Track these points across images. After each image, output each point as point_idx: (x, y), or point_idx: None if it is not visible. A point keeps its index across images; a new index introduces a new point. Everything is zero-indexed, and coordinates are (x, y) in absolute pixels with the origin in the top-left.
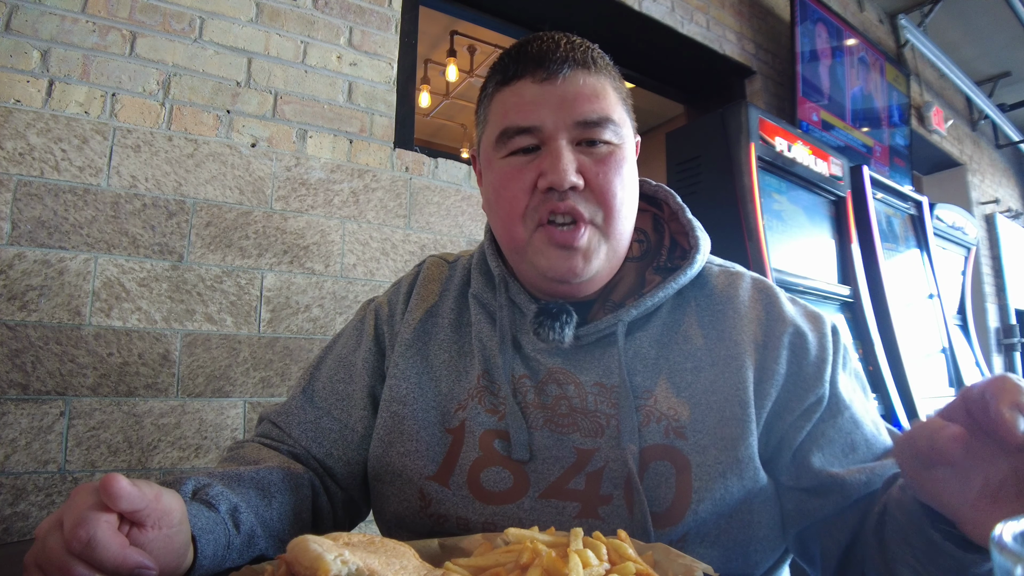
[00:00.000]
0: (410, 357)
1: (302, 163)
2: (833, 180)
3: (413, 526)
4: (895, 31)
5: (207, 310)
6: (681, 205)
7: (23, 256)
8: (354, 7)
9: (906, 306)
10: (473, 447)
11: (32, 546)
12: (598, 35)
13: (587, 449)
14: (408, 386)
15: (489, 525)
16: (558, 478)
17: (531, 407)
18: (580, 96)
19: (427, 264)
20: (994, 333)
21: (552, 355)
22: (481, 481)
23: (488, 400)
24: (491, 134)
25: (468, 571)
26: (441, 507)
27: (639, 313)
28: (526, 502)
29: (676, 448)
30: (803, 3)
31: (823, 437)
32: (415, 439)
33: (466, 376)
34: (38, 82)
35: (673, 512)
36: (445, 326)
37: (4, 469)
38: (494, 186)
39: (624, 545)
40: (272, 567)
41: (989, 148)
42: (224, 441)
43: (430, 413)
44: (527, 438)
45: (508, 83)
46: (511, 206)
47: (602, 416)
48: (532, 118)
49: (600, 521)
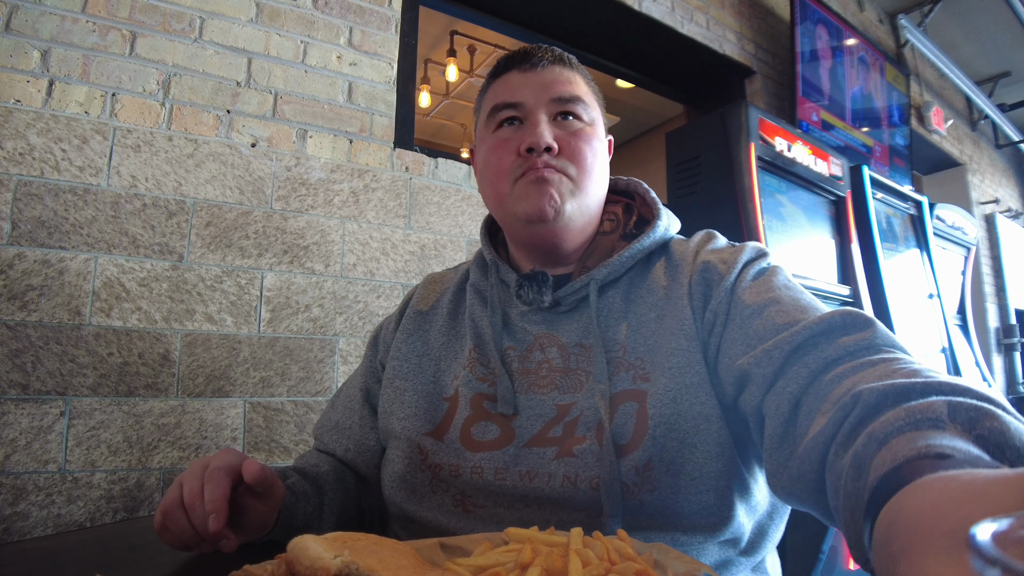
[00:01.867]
0: (412, 343)
1: (302, 163)
2: (833, 180)
3: (413, 482)
4: (895, 31)
5: (207, 310)
6: (648, 190)
7: (23, 256)
8: (354, 7)
9: (906, 306)
10: (466, 407)
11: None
12: (598, 35)
13: (566, 404)
14: (409, 366)
15: (477, 470)
16: (540, 430)
17: (516, 373)
18: (557, 81)
19: (427, 277)
20: (994, 333)
21: (537, 323)
22: (472, 433)
23: (479, 370)
24: (483, 116)
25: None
26: (436, 458)
27: (608, 272)
28: (511, 450)
29: (640, 389)
30: (803, 3)
31: (724, 343)
32: (414, 406)
33: (461, 352)
34: (38, 82)
35: (635, 439)
36: (443, 315)
37: (4, 469)
38: (484, 156)
39: (624, 545)
40: (272, 566)
41: (989, 148)
42: (224, 441)
43: (428, 386)
44: (512, 397)
45: (498, 76)
46: (498, 167)
47: (582, 373)
48: (516, 96)
49: (575, 458)
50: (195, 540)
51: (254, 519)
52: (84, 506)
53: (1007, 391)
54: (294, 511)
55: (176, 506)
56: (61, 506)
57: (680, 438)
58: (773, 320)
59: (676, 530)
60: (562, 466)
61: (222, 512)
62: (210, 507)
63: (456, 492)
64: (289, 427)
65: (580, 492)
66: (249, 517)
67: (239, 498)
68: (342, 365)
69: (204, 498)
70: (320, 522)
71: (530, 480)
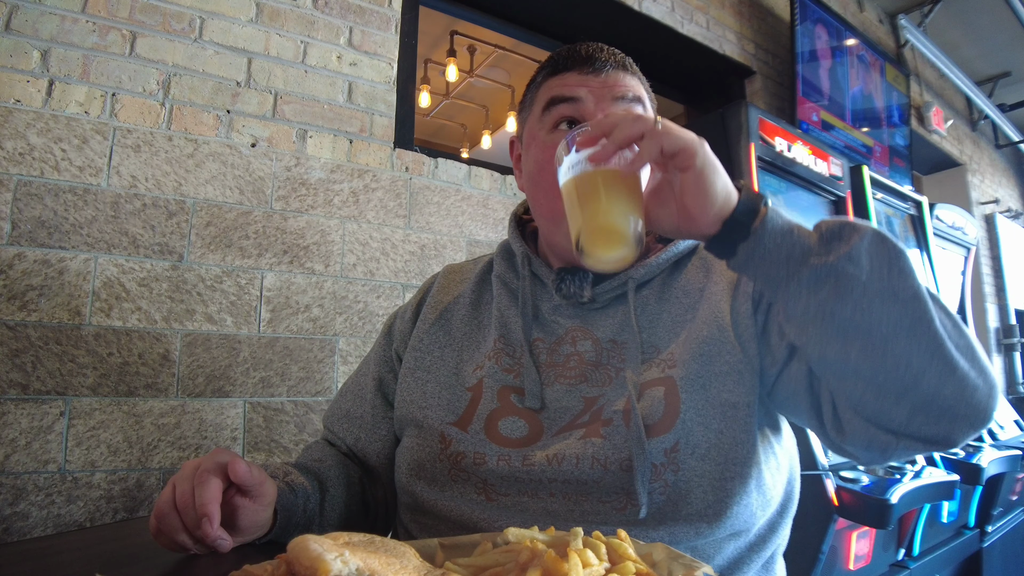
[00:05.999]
0: (434, 333)
1: (302, 163)
2: (833, 180)
3: (432, 470)
4: (895, 31)
5: (207, 310)
6: None
7: (23, 256)
8: (354, 7)
9: None
10: (492, 399)
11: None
12: (598, 35)
13: (594, 396)
14: (431, 358)
15: (504, 457)
16: (568, 423)
17: (544, 366)
18: (618, 84)
19: (446, 268)
20: (994, 333)
21: (571, 316)
22: (499, 428)
23: (505, 360)
24: (536, 110)
25: (468, 571)
26: (460, 446)
27: (646, 272)
28: (538, 445)
29: (668, 376)
30: (803, 3)
31: (771, 317)
32: (436, 396)
33: (484, 343)
34: (38, 82)
35: (663, 422)
36: (466, 305)
37: (4, 469)
38: (537, 159)
39: (624, 545)
40: (272, 566)
41: (989, 148)
42: (224, 441)
43: (451, 377)
44: (539, 390)
45: (557, 73)
46: (554, 177)
47: (612, 369)
48: (576, 92)
49: (602, 439)
50: (190, 542)
51: (247, 519)
52: (84, 506)
53: (1007, 391)
54: (293, 509)
55: (169, 509)
56: (61, 506)
57: (706, 423)
58: None
59: (693, 519)
60: (590, 447)
61: (213, 515)
62: (201, 511)
63: (479, 481)
64: (289, 427)
65: (610, 474)
66: (241, 517)
67: (230, 499)
68: (342, 365)
69: (195, 501)
70: (322, 519)
71: (558, 463)
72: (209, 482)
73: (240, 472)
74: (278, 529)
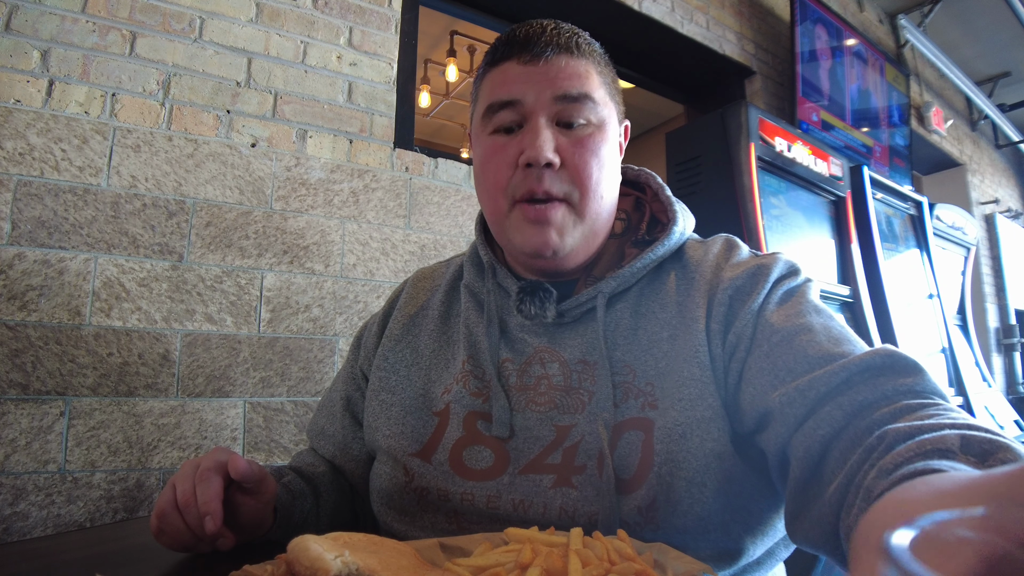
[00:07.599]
0: (400, 351)
1: (302, 163)
2: (833, 180)
3: (400, 502)
4: (895, 31)
5: (207, 310)
6: (661, 185)
7: (23, 256)
8: (354, 7)
9: (906, 306)
10: (457, 427)
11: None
12: (598, 35)
13: (565, 425)
14: (397, 378)
15: (468, 496)
16: (537, 455)
17: (513, 389)
18: (561, 74)
19: (416, 273)
20: (994, 333)
21: (538, 334)
22: (464, 458)
23: (473, 383)
24: (479, 111)
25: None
26: (423, 480)
27: (618, 284)
28: (504, 478)
29: (647, 417)
30: (803, 3)
31: (748, 371)
32: (401, 423)
33: (453, 362)
34: (38, 82)
35: (638, 476)
36: (435, 318)
37: (4, 469)
38: (480, 160)
39: (624, 545)
40: (272, 567)
41: (989, 148)
42: (224, 441)
43: (417, 400)
44: (508, 417)
45: (496, 64)
46: (494, 179)
47: (584, 393)
48: (515, 92)
49: (573, 489)
50: (192, 541)
51: (248, 516)
52: (84, 506)
53: (1007, 391)
54: (291, 509)
55: (171, 508)
56: (61, 506)
57: (688, 477)
58: (805, 352)
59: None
60: (559, 496)
61: (216, 512)
62: (204, 508)
63: (448, 511)
64: (289, 427)
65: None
66: (243, 514)
67: (231, 496)
68: (342, 365)
69: (197, 499)
70: (317, 521)
71: (524, 510)
72: (211, 480)
73: (240, 468)
74: (277, 527)
